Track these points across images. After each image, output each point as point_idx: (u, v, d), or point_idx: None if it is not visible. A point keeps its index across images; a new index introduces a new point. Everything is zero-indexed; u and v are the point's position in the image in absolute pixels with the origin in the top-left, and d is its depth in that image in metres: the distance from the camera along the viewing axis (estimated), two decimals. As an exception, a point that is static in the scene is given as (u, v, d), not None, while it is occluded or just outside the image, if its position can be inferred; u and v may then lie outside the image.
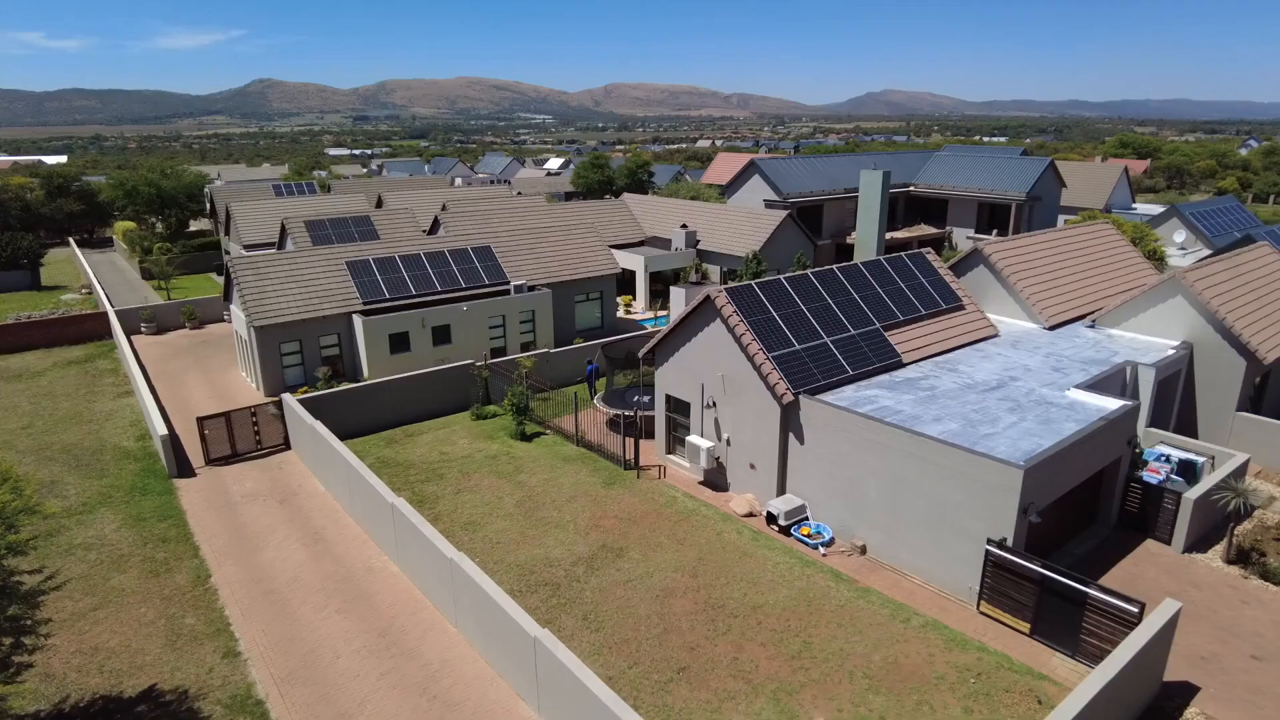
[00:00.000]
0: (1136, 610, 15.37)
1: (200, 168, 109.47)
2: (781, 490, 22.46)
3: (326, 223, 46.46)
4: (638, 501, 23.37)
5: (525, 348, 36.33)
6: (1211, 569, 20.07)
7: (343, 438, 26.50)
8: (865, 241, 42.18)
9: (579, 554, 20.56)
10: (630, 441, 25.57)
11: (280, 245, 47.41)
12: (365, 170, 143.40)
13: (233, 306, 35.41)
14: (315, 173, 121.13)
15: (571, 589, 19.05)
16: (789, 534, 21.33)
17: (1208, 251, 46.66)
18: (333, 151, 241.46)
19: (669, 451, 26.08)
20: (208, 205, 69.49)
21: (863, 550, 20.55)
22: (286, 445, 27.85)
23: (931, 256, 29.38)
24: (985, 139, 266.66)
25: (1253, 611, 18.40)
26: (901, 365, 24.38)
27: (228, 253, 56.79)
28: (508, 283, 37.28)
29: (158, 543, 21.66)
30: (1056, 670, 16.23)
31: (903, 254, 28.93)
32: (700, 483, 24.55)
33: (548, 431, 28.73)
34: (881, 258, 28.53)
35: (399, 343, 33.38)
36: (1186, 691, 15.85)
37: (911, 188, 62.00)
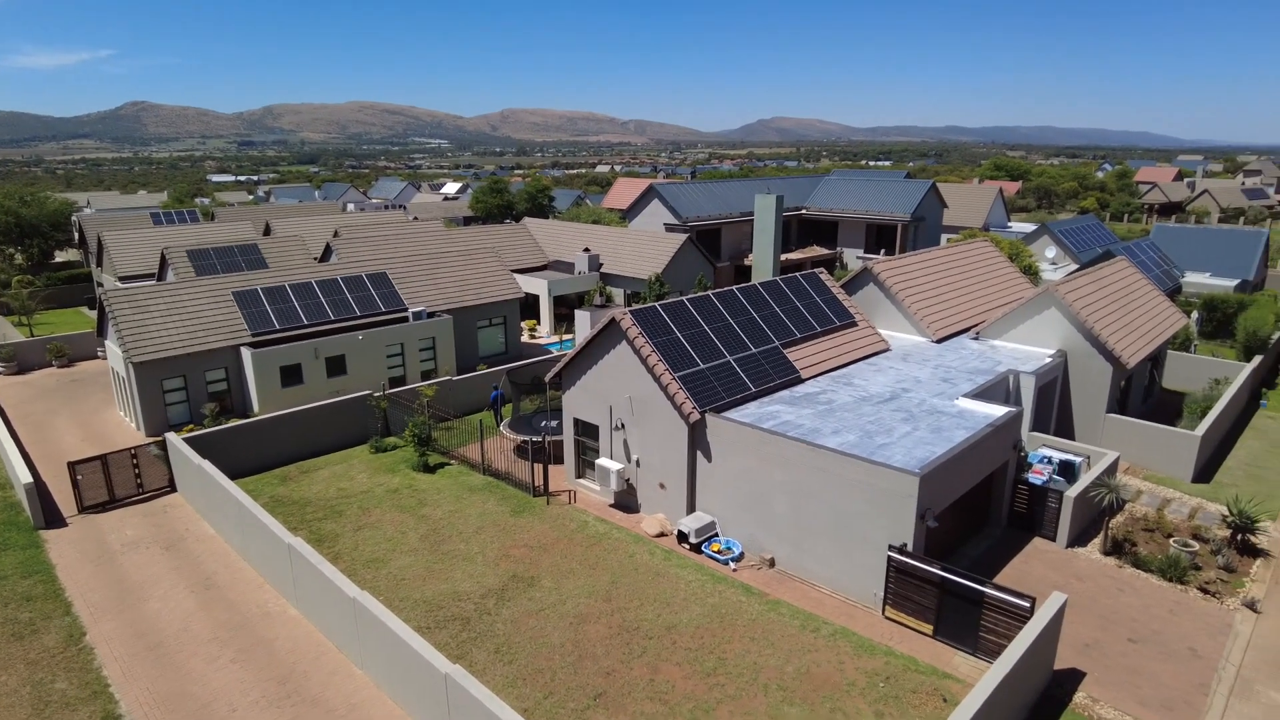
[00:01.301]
0: (1028, 605, 16.20)
1: (67, 194, 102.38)
2: (692, 508, 22.64)
3: (211, 252, 44.26)
4: (548, 528, 23.07)
5: (426, 376, 35.47)
6: (1091, 561, 21.41)
7: (233, 477, 25.11)
8: (762, 263, 43.38)
9: (489, 586, 20.09)
10: (539, 467, 25.27)
11: (160, 276, 44.85)
12: (252, 197, 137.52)
13: (108, 342, 33.16)
14: (198, 200, 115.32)
15: (482, 622, 18.57)
16: (700, 551, 21.49)
17: (1075, 266, 50.23)
18: (216, 178, 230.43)
19: (579, 476, 25.90)
20: (76, 234, 64.97)
21: (771, 563, 20.91)
22: (172, 488, 26.16)
23: (825, 276, 30.47)
24: (871, 163, 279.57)
25: (1127, 598, 19.71)
26: (801, 381, 25.09)
27: (100, 285, 53.24)
28: (406, 309, 36.40)
29: (21, 602, 19.86)
30: (959, 668, 16.89)
31: (798, 274, 29.89)
32: (611, 505, 24.47)
33: (452, 461, 28.07)
34: (778, 278, 29.38)
35: (291, 375, 32.01)
36: (1074, 678, 16.78)
37: (804, 210, 64.28)
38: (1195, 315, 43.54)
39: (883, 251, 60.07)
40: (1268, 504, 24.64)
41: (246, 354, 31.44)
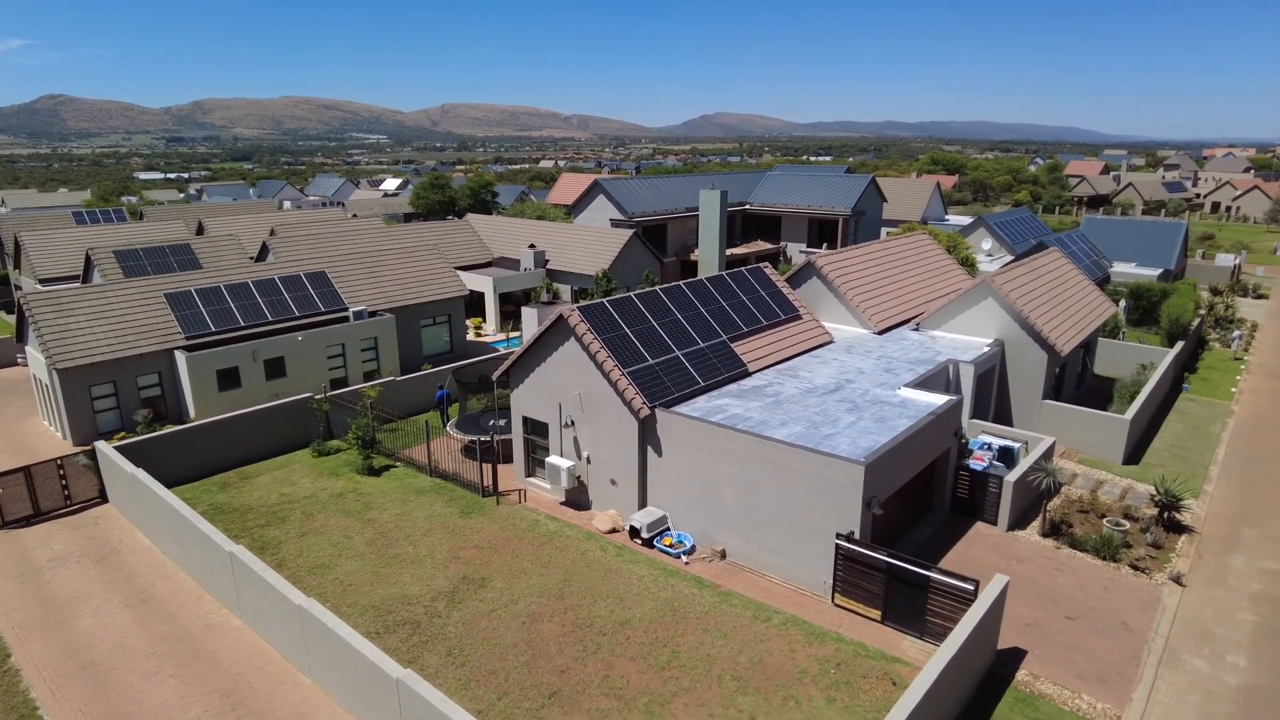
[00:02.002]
0: (972, 588, 16.65)
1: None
2: (643, 503, 22.68)
3: (140, 252, 42.61)
4: (498, 529, 22.86)
5: (369, 377, 34.77)
6: (1030, 543, 22.12)
7: (169, 485, 24.23)
8: (708, 258, 43.67)
9: (439, 588, 19.81)
10: (488, 467, 25.00)
11: (85, 278, 43.00)
12: (183, 195, 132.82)
13: (29, 348, 31.66)
14: (124, 198, 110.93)
15: (433, 625, 18.31)
16: (652, 546, 21.55)
17: (1010, 257, 51.75)
18: (144, 175, 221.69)
19: (529, 474, 25.72)
20: (-9, 236, 61.83)
21: (723, 555, 21.08)
22: (103, 499, 25.12)
23: (769, 270, 30.80)
24: (812, 158, 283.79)
25: (1065, 577, 20.42)
26: (748, 374, 25.33)
27: (18, 288, 50.80)
28: (346, 309, 35.61)
29: (-57, 622, 18.86)
30: (907, 652, 17.28)
31: (743, 269, 30.16)
32: (562, 503, 24.35)
33: (398, 464, 27.59)
34: (724, 273, 29.60)
35: (228, 379, 31.04)
36: (1017, 656, 17.32)
37: (748, 206, 64.88)
38: (1123, 303, 45.30)
39: (825, 245, 61.01)
40: (1190, 483, 25.79)
41: (181, 358, 30.37)
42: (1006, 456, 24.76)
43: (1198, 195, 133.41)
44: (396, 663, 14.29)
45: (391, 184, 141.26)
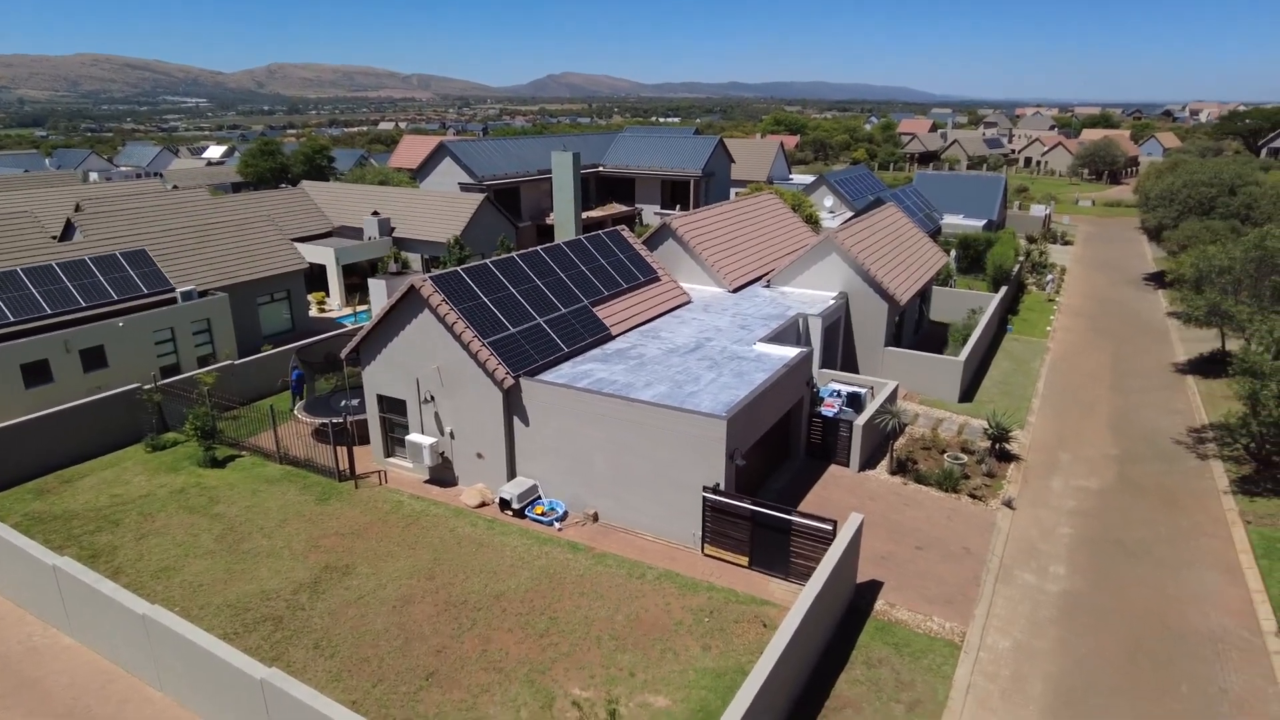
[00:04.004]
0: (830, 528, 17.60)
1: None
2: (512, 474, 22.38)
3: (-90, 234, 37.07)
4: (359, 513, 21.91)
5: (204, 362, 32.17)
6: (881, 481, 23.64)
7: (-29, 497, 21.54)
8: (564, 222, 43.17)
9: (300, 580, 18.80)
10: (343, 450, 23.84)
11: None
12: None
13: None
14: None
15: (297, 619, 17.39)
16: (524, 516, 21.36)
17: (851, 214, 54.40)
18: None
19: (388, 455, 24.74)
20: None
21: (595, 518, 21.21)
22: (-114, 518, 22.01)
23: (626, 233, 30.84)
24: (661, 119, 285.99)
25: (912, 511, 22.00)
26: (611, 338, 25.38)
27: None
28: (173, 289, 32.67)
29: None
30: (775, 594, 18.10)
31: (600, 232, 30.03)
32: (427, 481, 23.64)
33: (244, 453, 25.81)
34: (581, 237, 29.36)
35: (37, 373, 27.78)
36: (874, 588, 18.55)
37: (601, 168, 64.58)
38: (953, 253, 48.79)
39: (678, 207, 61.81)
40: (1017, 415, 28.35)
41: (-27, 353, 26.85)
42: (855, 402, 26.22)
43: (1013, 151, 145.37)
44: (259, 662, 13.45)
45: (216, 151, 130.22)
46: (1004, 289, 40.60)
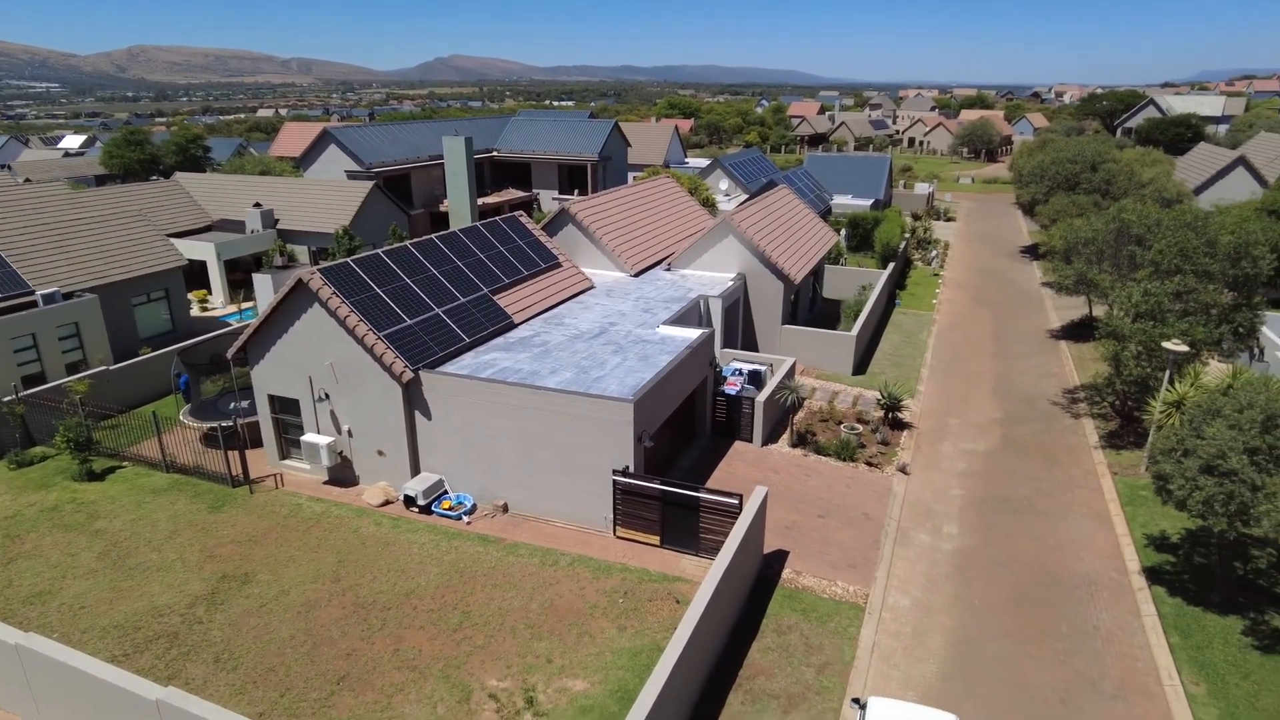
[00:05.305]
0: (736, 502, 18.03)
1: None
2: (416, 470, 21.88)
3: None
4: (256, 519, 20.98)
5: (74, 369, 29.93)
6: (783, 454, 24.35)
7: None
8: (458, 209, 42.27)
9: (195, 593, 17.88)
10: (235, 454, 22.73)
11: None
12: None
13: None
14: None
15: (194, 633, 16.54)
16: (430, 512, 20.94)
17: (745, 196, 55.41)
18: None
19: (284, 457, 23.74)
20: None
21: (505, 509, 21.01)
22: None
23: (524, 219, 30.48)
24: (555, 103, 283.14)
25: (814, 481, 22.78)
26: (514, 326, 25.09)
27: None
28: (32, 292, 30.21)
29: None
30: (686, 570, 18.43)
31: (497, 219, 29.57)
32: (326, 482, 22.83)
33: (126, 463, 24.25)
34: (479, 224, 28.83)
35: (-123, 388, 25.22)
36: (781, 557, 19.15)
37: (494, 153, 63.45)
38: (844, 232, 50.48)
39: (576, 192, 61.47)
40: (907, 385, 29.70)
41: None
42: (756, 379, 26.87)
43: (898, 132, 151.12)
44: (153, 683, 12.73)
45: (74, 141, 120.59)
46: (892, 265, 42.34)
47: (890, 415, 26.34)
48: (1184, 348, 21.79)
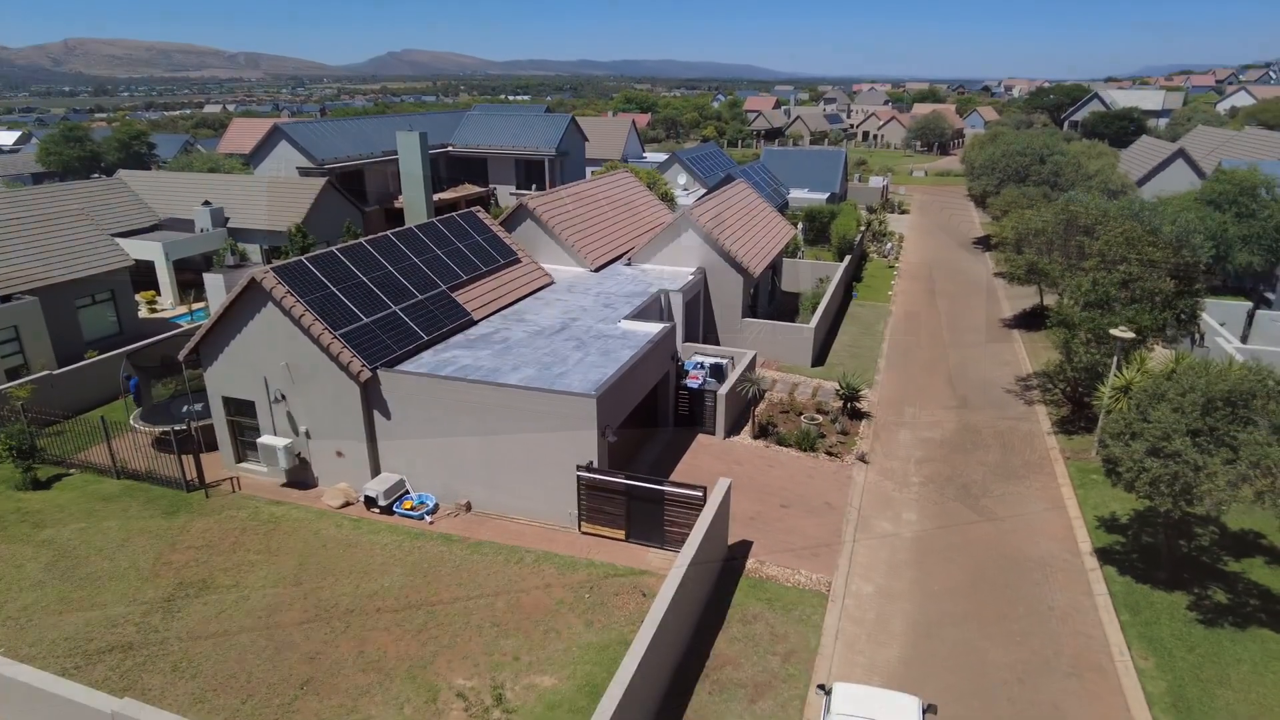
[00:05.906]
0: (701, 494, 18.15)
1: None
2: (376, 471, 21.60)
3: None
4: (212, 524, 20.52)
5: (15, 374, 28.94)
6: (745, 446, 24.56)
7: None
8: (414, 205, 41.76)
9: (150, 600, 17.44)
10: (189, 459, 22.19)
11: None
12: None
13: None
14: None
15: (150, 643, 16.14)
16: (392, 512, 20.70)
17: (704, 190, 55.58)
18: None
19: (240, 460, 23.25)
20: None
21: (468, 507, 20.86)
22: None
23: (482, 215, 30.22)
24: (510, 98, 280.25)
25: (776, 472, 23.02)
26: (474, 323, 24.88)
27: None
28: (-28, 295, 29.11)
29: None
30: (653, 563, 18.50)
31: (454, 215, 29.26)
32: (284, 485, 22.41)
33: (73, 470, 23.53)
34: (435, 220, 28.51)
35: None
36: (745, 547, 19.33)
37: (450, 148, 62.74)
38: (801, 226, 50.95)
39: (534, 187, 61.06)
40: (865, 375, 30.13)
41: None
42: (717, 372, 27.04)
43: (852, 126, 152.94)
44: (108, 695, 12.41)
45: (7, 138, 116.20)
46: (848, 258, 42.89)
47: (849, 405, 26.72)
48: (1130, 335, 22.48)
